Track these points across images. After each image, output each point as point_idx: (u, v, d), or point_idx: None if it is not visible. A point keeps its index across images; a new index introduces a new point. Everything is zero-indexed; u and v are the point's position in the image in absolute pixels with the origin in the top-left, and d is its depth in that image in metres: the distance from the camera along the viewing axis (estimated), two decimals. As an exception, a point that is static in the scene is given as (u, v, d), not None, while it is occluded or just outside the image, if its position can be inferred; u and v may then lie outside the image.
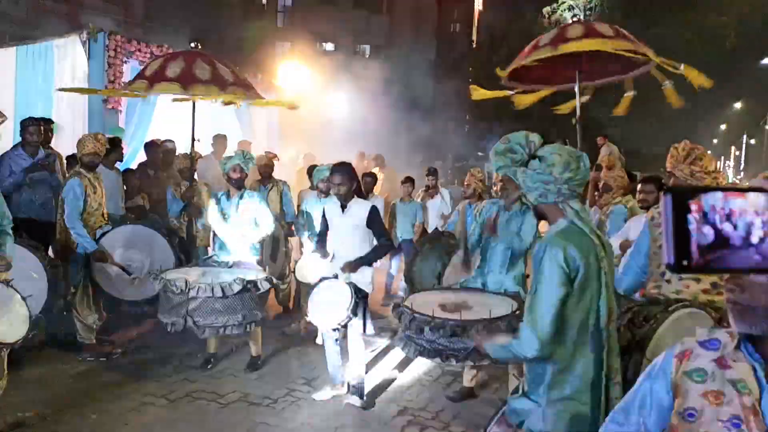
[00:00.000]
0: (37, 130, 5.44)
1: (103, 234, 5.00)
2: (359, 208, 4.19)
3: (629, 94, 5.29)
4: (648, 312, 2.88)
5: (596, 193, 5.56)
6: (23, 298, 3.33)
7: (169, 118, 7.99)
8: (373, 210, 4.20)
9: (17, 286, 3.38)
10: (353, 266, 4.10)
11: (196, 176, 6.26)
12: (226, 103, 6.04)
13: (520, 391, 2.25)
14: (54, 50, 7.37)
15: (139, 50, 7.98)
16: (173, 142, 7.14)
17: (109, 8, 17.29)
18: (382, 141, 13.52)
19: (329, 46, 28.47)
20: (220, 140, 7.66)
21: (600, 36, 4.50)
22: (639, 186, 4.74)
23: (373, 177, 7.75)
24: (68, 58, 7.35)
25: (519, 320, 2.54)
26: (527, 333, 2.10)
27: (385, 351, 5.36)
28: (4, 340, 3.13)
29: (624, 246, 4.25)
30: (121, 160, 6.18)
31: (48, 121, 5.93)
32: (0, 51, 7.26)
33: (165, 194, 6.13)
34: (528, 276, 3.91)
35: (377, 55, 28.39)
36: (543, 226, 4.29)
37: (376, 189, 8.20)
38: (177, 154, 6.66)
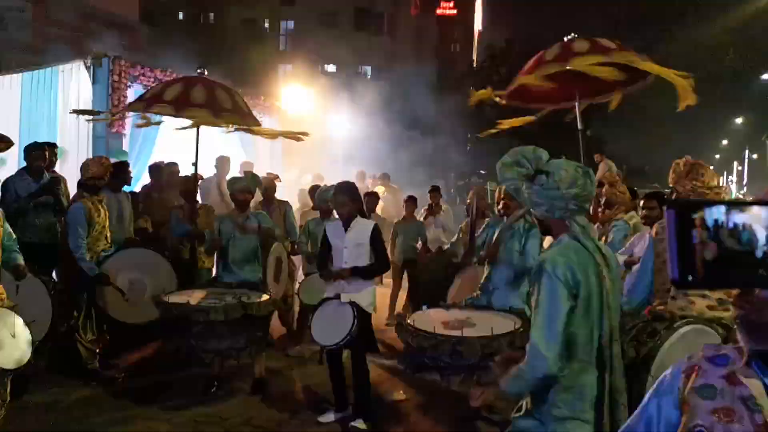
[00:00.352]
0: (41, 155, 5.49)
1: (107, 257, 5.00)
2: (362, 228, 4.19)
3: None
4: (653, 329, 2.86)
5: (598, 209, 5.56)
6: (27, 324, 3.32)
7: (172, 141, 8.04)
8: (376, 229, 4.20)
9: (21, 311, 3.39)
10: (347, 272, 4.07)
11: (198, 198, 6.28)
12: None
13: (524, 410, 2.22)
14: (59, 76, 7.46)
15: (144, 75, 8.07)
16: (176, 164, 7.18)
17: (113, 33, 17.54)
18: (384, 160, 13.58)
19: (331, 68, 28.77)
20: (222, 162, 7.71)
21: (605, 50, 4.53)
22: (642, 202, 4.73)
23: (375, 196, 7.76)
24: (73, 83, 7.45)
25: (522, 337, 2.51)
26: (535, 351, 2.07)
27: (391, 371, 5.31)
28: (8, 365, 3.11)
29: (629, 263, 4.24)
30: (129, 184, 6.21)
31: (52, 146, 5.98)
32: (6, 77, 7.36)
33: (168, 217, 6.14)
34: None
35: (379, 76, 28.66)
36: (547, 241, 4.29)
37: (380, 208, 8.20)
38: (180, 176, 6.69)
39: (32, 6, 16.88)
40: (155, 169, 6.77)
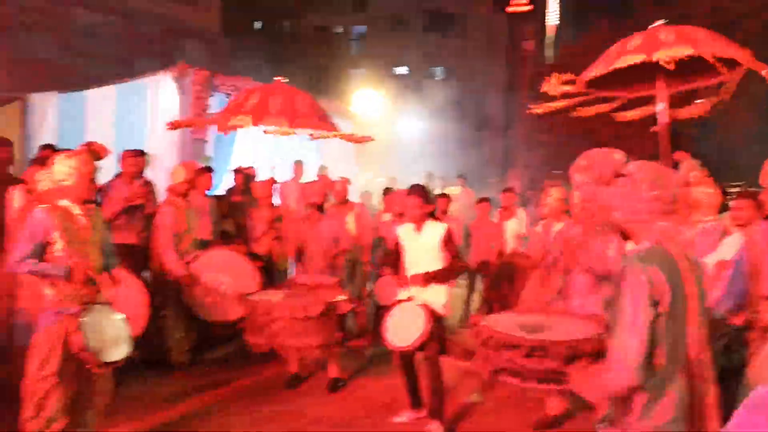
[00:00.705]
0: (133, 162, 5.88)
1: (193, 258, 5.28)
2: (433, 230, 4.22)
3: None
4: (745, 337, 2.71)
5: (685, 211, 5.30)
6: (124, 320, 3.56)
7: (251, 146, 8.38)
8: (448, 231, 4.21)
9: (118, 307, 3.63)
10: (425, 279, 4.10)
11: (277, 201, 6.52)
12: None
13: (608, 422, 2.17)
14: (148, 86, 7.94)
15: (224, 84, 8.42)
16: (254, 168, 7.49)
17: (196, 44, 18.51)
18: (455, 161, 13.53)
19: (402, 70, 28.90)
20: (299, 166, 7.97)
21: (693, 41, 4.32)
22: (732, 203, 4.47)
23: (447, 198, 7.76)
24: (160, 93, 7.89)
25: (602, 343, 2.44)
26: (617, 360, 2.02)
27: (466, 374, 5.29)
28: (111, 358, 3.36)
29: (719, 266, 4.02)
30: (210, 188, 6.53)
31: (143, 153, 6.38)
32: (102, 89, 7.93)
33: (249, 219, 6.40)
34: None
35: (449, 76, 28.52)
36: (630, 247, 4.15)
37: (453, 210, 8.18)
38: (257, 180, 6.96)
39: (121, 20, 18.07)
40: (236, 174, 7.09)
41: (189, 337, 5.31)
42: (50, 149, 5.79)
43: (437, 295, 4.21)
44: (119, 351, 3.42)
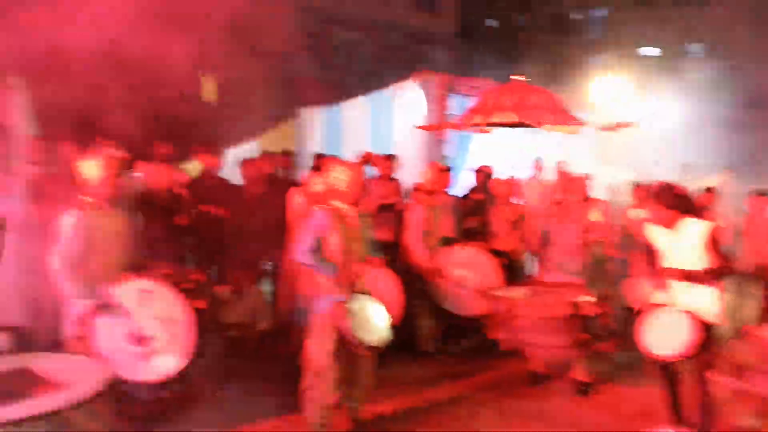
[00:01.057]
0: (386, 164, 6.51)
1: (439, 253, 5.57)
2: (690, 228, 3.83)
3: None
4: None
5: None
6: (383, 308, 3.94)
7: (487, 145, 8.51)
8: (710, 230, 3.76)
9: (376, 297, 4.02)
10: (682, 275, 3.78)
11: (515, 199, 6.52)
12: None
13: None
14: (395, 94, 8.61)
15: (463, 85, 8.67)
16: (490, 167, 7.59)
17: (436, 50, 19.45)
18: (720, 149, 11.87)
19: (650, 51, 26.31)
20: (538, 163, 7.85)
21: None
22: None
23: (710, 192, 6.90)
24: (406, 99, 8.49)
25: None
26: None
27: (737, 393, 4.63)
28: (370, 343, 3.76)
29: None
30: (448, 186, 6.81)
31: (393, 156, 6.95)
32: (357, 101, 8.87)
33: (490, 217, 6.51)
34: None
35: (710, 53, 25.10)
36: None
37: (719, 205, 7.23)
38: (496, 178, 7.04)
39: (370, 34, 19.82)
40: (477, 173, 7.28)
41: (436, 327, 5.61)
42: (322, 157, 6.70)
43: (705, 301, 3.78)
44: (379, 336, 3.80)
